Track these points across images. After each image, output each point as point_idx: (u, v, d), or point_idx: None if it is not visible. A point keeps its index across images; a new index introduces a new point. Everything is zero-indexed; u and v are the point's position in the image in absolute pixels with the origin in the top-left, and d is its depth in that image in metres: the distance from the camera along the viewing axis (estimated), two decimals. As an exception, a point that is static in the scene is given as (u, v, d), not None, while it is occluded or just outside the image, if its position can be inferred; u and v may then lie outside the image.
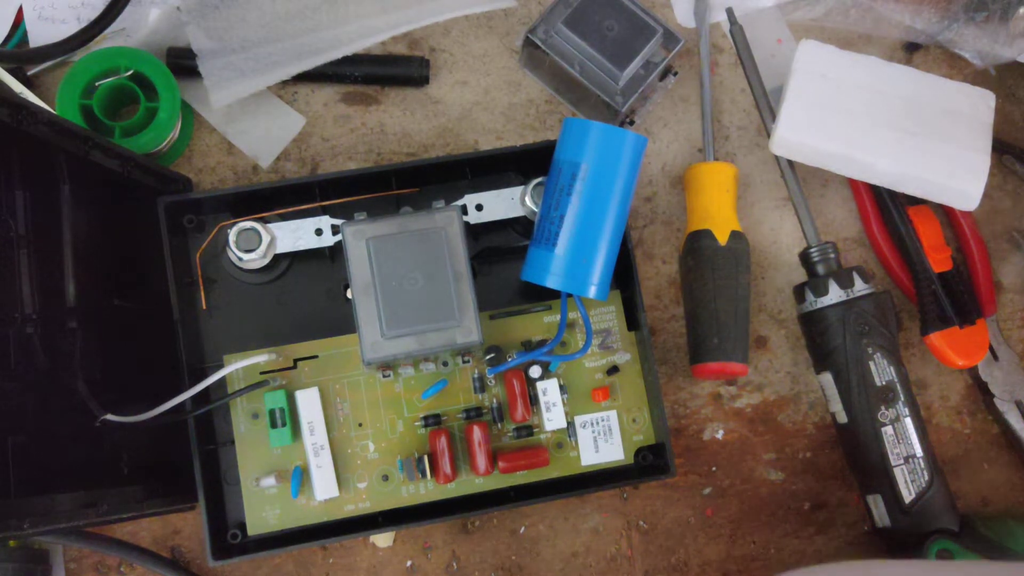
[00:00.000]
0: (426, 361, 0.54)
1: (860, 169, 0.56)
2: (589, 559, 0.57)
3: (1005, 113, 0.62)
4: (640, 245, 0.60)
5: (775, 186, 0.61)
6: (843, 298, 0.55)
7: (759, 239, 0.60)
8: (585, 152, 0.49)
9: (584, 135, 0.50)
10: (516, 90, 0.61)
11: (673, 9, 0.62)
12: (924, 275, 0.57)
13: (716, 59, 0.62)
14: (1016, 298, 0.61)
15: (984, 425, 0.60)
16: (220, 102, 0.56)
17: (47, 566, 0.54)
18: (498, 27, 0.61)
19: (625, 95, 0.56)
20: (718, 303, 0.55)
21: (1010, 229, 0.61)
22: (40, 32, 0.59)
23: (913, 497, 0.53)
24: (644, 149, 0.51)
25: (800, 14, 0.61)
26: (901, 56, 0.62)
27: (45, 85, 0.59)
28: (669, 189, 0.60)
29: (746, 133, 0.61)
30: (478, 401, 0.54)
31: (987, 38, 0.59)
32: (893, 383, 0.54)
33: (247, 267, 0.53)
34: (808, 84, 0.56)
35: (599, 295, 0.50)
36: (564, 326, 0.52)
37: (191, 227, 0.55)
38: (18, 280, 0.44)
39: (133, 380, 0.51)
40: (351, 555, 0.57)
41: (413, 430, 0.54)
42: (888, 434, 0.54)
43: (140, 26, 0.59)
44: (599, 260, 0.50)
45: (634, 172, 0.50)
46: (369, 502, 0.53)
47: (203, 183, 0.59)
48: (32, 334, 0.44)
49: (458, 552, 0.57)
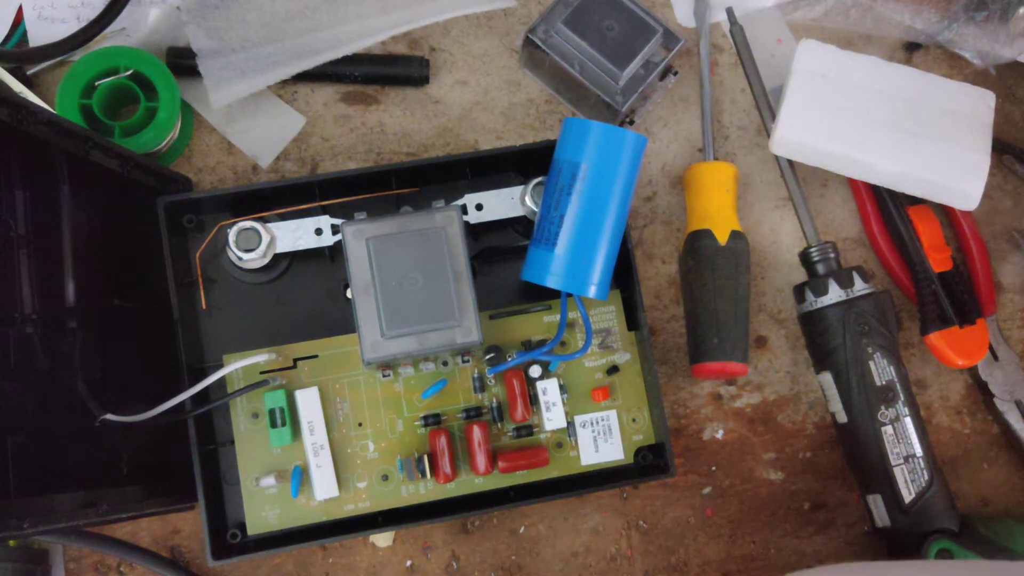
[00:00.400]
0: (426, 361, 0.54)
1: (860, 169, 0.56)
2: (589, 559, 0.57)
3: (1005, 113, 0.62)
4: (640, 245, 0.60)
5: (775, 186, 0.61)
6: (843, 298, 0.55)
7: (759, 239, 0.60)
8: (585, 152, 0.49)
9: (584, 135, 0.49)
10: (516, 90, 0.61)
11: (673, 9, 0.61)
12: (924, 275, 0.57)
13: (716, 59, 0.62)
14: (1016, 298, 0.61)
15: (984, 425, 0.60)
16: (220, 102, 0.56)
17: (47, 566, 0.54)
18: (498, 27, 0.61)
19: (625, 95, 0.56)
20: (718, 303, 0.55)
21: (1010, 229, 0.61)
22: (40, 31, 0.59)
23: (913, 497, 0.53)
24: (644, 149, 0.51)
25: (800, 14, 0.61)
26: (901, 56, 0.62)
27: (45, 84, 0.59)
28: (669, 189, 0.60)
29: (746, 133, 0.61)
30: (478, 401, 0.54)
31: (987, 38, 0.59)
32: (893, 383, 0.54)
33: (247, 267, 0.53)
34: (808, 84, 0.56)
35: (599, 295, 0.50)
36: (564, 326, 0.51)
37: (191, 227, 0.55)
38: (18, 280, 0.44)
39: (133, 380, 0.51)
40: (351, 555, 0.57)
41: (413, 430, 0.54)
42: (888, 434, 0.54)
43: (140, 26, 0.59)
44: (599, 260, 0.50)
45: (634, 171, 0.50)
46: (369, 502, 0.53)
47: (203, 183, 0.59)
48: (32, 334, 0.44)
49: (458, 552, 0.57)
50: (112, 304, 0.51)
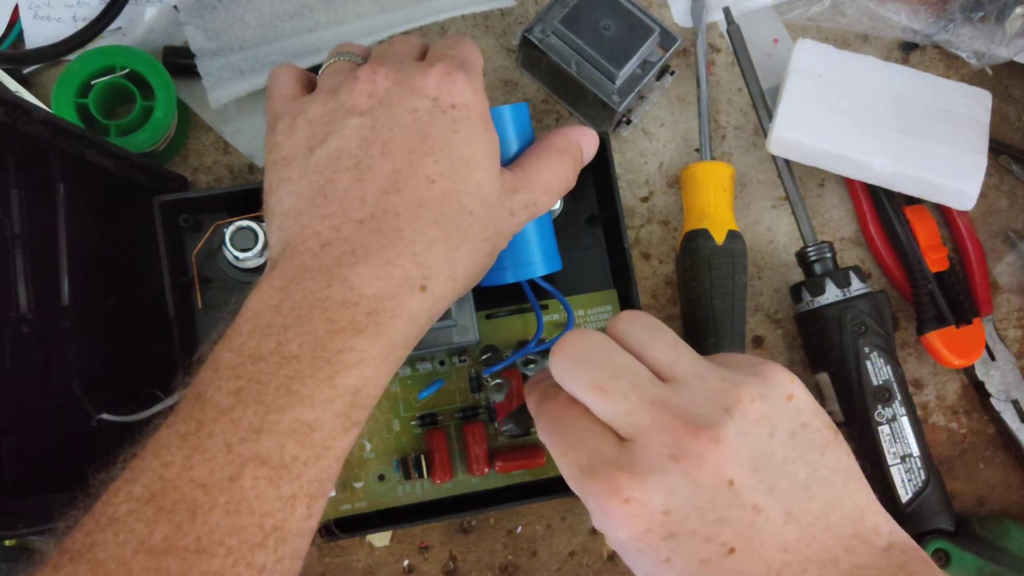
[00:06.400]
0: (422, 360, 0.54)
1: (857, 169, 0.56)
2: (586, 559, 0.57)
3: (1001, 113, 0.62)
4: (637, 245, 0.60)
5: (772, 185, 0.61)
6: (840, 298, 0.55)
7: (756, 239, 0.60)
8: None
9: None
10: (513, 90, 0.61)
11: (670, 8, 0.62)
12: (921, 275, 0.57)
13: (713, 59, 0.62)
14: (1012, 298, 0.61)
15: (980, 425, 0.60)
16: (219, 101, 0.56)
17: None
18: (495, 27, 0.61)
19: (622, 94, 0.56)
20: (715, 303, 0.55)
21: (1006, 229, 0.61)
22: (36, 31, 0.59)
23: (909, 497, 0.53)
24: (527, 113, 0.49)
25: (797, 13, 0.61)
26: (898, 56, 0.62)
27: (40, 83, 0.59)
28: (666, 189, 0.60)
29: (743, 133, 0.61)
30: (474, 401, 0.54)
31: (984, 38, 0.59)
32: (889, 383, 0.54)
33: (243, 266, 0.53)
34: (805, 84, 0.56)
35: (549, 268, 0.49)
36: (540, 317, 0.51)
37: (187, 226, 0.54)
38: (13, 279, 0.44)
39: (128, 379, 0.51)
40: (347, 555, 0.56)
41: (409, 430, 0.54)
42: (884, 434, 0.54)
43: (136, 25, 0.59)
44: (532, 237, 0.49)
45: (524, 140, 0.48)
46: (365, 502, 0.53)
47: (199, 182, 0.59)
48: (27, 333, 0.44)
49: (455, 552, 0.57)
50: (108, 303, 0.50)
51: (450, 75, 0.42)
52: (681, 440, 0.35)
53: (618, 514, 0.35)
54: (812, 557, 0.35)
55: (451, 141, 0.41)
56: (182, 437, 0.35)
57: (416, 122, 0.41)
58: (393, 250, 0.39)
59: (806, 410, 0.38)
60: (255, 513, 0.34)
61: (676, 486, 0.35)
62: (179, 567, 0.32)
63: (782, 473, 0.36)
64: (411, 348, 0.41)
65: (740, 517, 0.35)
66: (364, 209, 0.39)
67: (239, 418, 0.35)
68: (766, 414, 0.37)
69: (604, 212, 0.55)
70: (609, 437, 0.37)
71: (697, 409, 0.36)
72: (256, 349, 0.37)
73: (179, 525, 0.33)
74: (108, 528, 0.33)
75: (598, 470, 0.36)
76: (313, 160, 0.41)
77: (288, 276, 0.39)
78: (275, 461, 0.35)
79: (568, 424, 0.39)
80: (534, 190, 0.45)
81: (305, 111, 0.43)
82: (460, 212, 0.41)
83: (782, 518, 0.35)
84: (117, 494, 0.34)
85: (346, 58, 0.46)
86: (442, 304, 0.41)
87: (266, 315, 0.38)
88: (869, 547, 0.36)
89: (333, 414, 0.37)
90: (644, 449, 0.36)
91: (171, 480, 0.34)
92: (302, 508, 0.36)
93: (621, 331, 0.41)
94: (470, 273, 0.42)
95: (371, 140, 0.41)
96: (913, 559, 0.37)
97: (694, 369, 0.39)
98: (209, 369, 0.37)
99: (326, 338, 0.37)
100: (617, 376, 0.38)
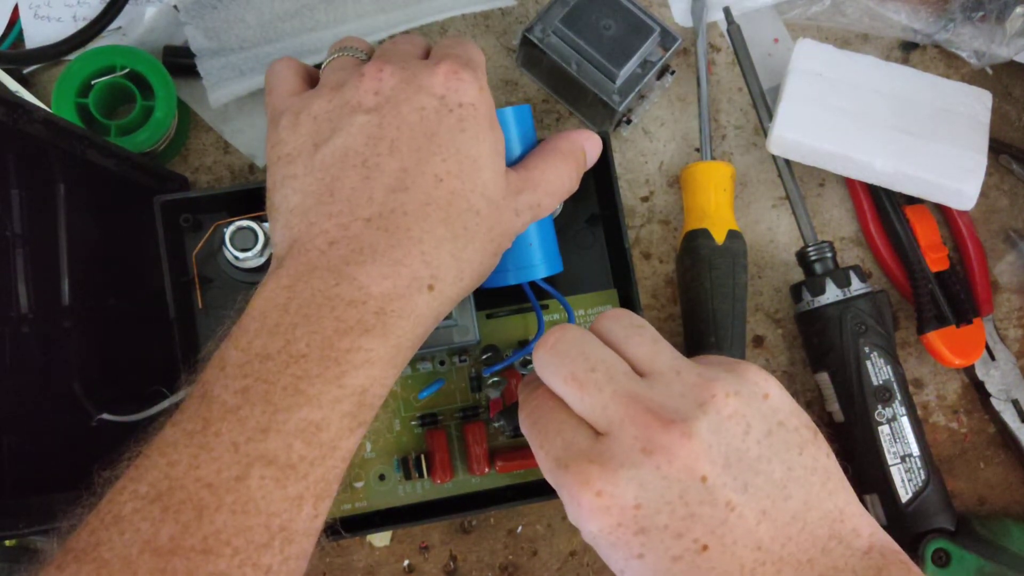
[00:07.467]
0: (423, 360, 0.54)
1: (857, 168, 0.56)
2: (586, 558, 0.57)
3: (1002, 112, 0.62)
4: (637, 244, 0.60)
5: (772, 185, 0.61)
6: (840, 297, 0.55)
7: (756, 238, 0.60)
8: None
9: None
10: (513, 89, 0.61)
11: (670, 8, 0.62)
12: (921, 274, 0.57)
13: (713, 58, 0.62)
14: (1012, 297, 0.61)
15: (981, 424, 0.60)
16: (219, 101, 0.56)
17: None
18: (495, 26, 0.61)
19: (622, 94, 0.56)
20: (715, 302, 0.55)
21: (1007, 228, 0.61)
22: (36, 31, 0.59)
23: (910, 496, 0.53)
24: (529, 115, 0.49)
25: (797, 13, 0.61)
26: (898, 55, 0.62)
27: (41, 83, 0.59)
28: (666, 188, 0.60)
29: (743, 132, 0.61)
30: (475, 400, 0.54)
31: (984, 38, 0.59)
32: (890, 382, 0.54)
33: (244, 266, 0.53)
34: (805, 83, 0.56)
35: (550, 270, 0.50)
36: (541, 318, 0.51)
37: (187, 226, 0.54)
38: (14, 279, 0.44)
39: (129, 379, 0.51)
40: (348, 554, 0.56)
41: (410, 429, 0.54)
42: (885, 433, 0.54)
43: (136, 24, 0.59)
44: (533, 239, 0.49)
45: (528, 142, 0.48)
46: (366, 501, 0.53)
47: (199, 182, 0.59)
48: (28, 333, 0.44)
49: (455, 552, 0.57)
50: (108, 303, 0.50)
51: (456, 74, 0.42)
52: (652, 434, 0.35)
53: (590, 507, 0.35)
54: (787, 557, 0.35)
55: (458, 140, 0.41)
56: (188, 435, 0.35)
57: (423, 120, 0.41)
58: (401, 249, 0.39)
59: (783, 409, 0.38)
60: (261, 513, 0.34)
61: (647, 480, 0.35)
62: (185, 567, 0.32)
63: (756, 471, 0.36)
64: (417, 348, 0.40)
65: (712, 514, 0.35)
66: (372, 207, 0.39)
67: (246, 417, 0.35)
68: (740, 411, 0.36)
69: (604, 212, 0.55)
70: (584, 430, 0.37)
71: (671, 403, 0.36)
72: (263, 348, 0.37)
73: (185, 525, 0.33)
74: (113, 527, 0.33)
75: (571, 462, 0.36)
76: (319, 157, 0.41)
77: (295, 274, 0.38)
78: (282, 461, 0.35)
79: (545, 416, 0.39)
80: (538, 192, 0.45)
81: (309, 107, 0.42)
82: (467, 211, 0.41)
83: (756, 516, 0.35)
84: (122, 492, 0.34)
85: (350, 53, 0.46)
86: (448, 304, 0.41)
87: (273, 313, 0.38)
88: (848, 549, 0.36)
89: (340, 414, 0.37)
90: (617, 442, 0.36)
91: (177, 479, 0.34)
92: (308, 508, 0.36)
93: (604, 327, 0.41)
94: (476, 273, 0.42)
95: (378, 138, 0.40)
96: (892, 563, 0.36)
97: (672, 365, 0.38)
98: (215, 367, 0.37)
99: (334, 337, 0.37)
100: (594, 369, 0.38)
